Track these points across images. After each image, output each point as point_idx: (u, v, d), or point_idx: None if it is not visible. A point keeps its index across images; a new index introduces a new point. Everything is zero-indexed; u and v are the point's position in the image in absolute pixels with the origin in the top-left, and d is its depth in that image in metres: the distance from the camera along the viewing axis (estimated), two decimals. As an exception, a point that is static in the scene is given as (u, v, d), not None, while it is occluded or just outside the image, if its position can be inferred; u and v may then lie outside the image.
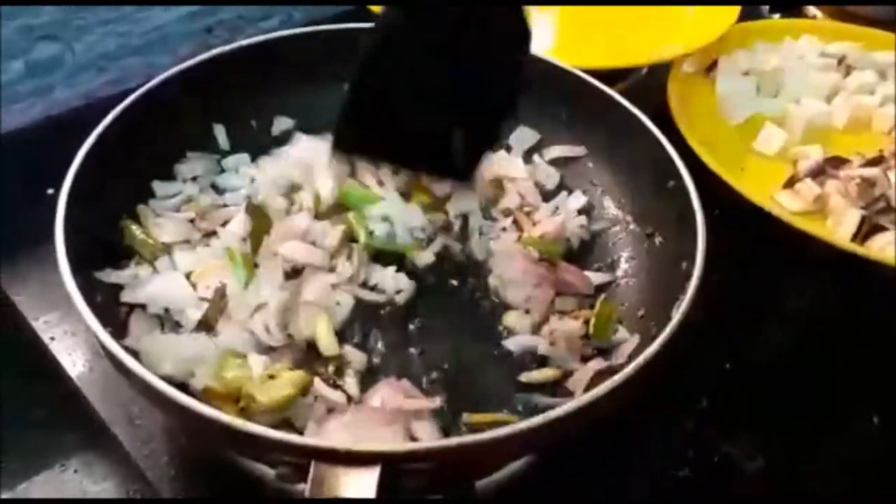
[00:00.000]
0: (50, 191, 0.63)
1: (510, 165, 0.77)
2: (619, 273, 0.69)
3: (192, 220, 0.68)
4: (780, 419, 0.66)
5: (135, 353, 0.50)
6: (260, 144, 0.75)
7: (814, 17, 1.11)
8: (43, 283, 0.67)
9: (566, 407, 0.46)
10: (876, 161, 0.81)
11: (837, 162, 0.82)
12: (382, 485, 0.42)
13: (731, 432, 0.63)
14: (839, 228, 0.76)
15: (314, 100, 0.75)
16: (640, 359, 0.49)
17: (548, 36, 0.94)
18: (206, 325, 0.59)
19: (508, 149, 0.78)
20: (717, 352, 0.68)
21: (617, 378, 0.48)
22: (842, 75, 0.96)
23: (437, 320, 0.64)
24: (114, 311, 0.58)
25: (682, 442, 0.63)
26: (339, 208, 0.69)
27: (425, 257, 0.67)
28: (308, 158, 0.71)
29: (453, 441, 0.44)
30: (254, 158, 0.74)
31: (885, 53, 0.97)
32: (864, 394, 0.68)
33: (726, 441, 0.63)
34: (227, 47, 0.73)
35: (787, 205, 0.80)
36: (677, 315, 0.52)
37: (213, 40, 0.97)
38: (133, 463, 0.57)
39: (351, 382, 0.58)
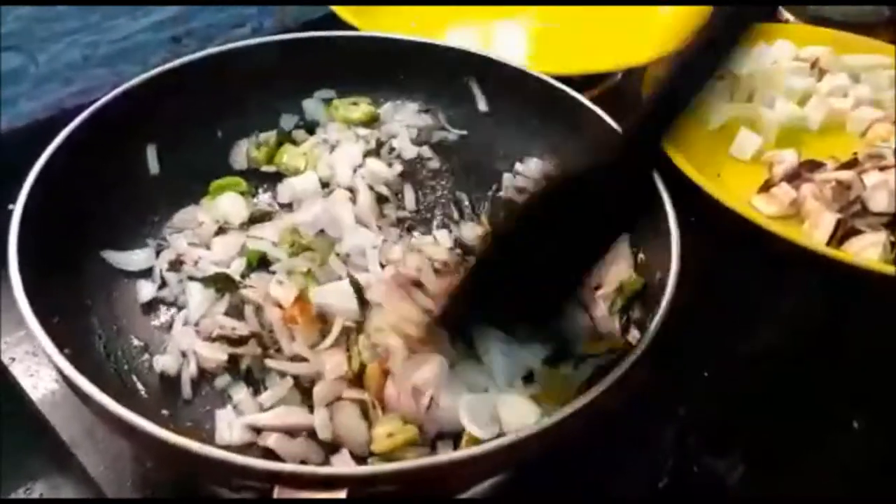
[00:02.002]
0: (10, 206, 0.60)
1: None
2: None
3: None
4: (761, 426, 0.65)
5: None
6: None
7: (786, 21, 1.11)
8: (2, 302, 0.65)
9: (535, 425, 0.45)
10: (850, 164, 0.81)
11: (812, 165, 0.82)
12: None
13: (711, 441, 0.63)
14: (815, 232, 0.76)
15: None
16: (617, 371, 0.48)
17: (519, 42, 0.93)
18: None
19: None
20: (695, 359, 0.67)
21: (592, 391, 0.47)
22: (815, 79, 0.96)
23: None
24: (72, 330, 0.56)
25: (662, 452, 0.62)
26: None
27: None
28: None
29: (419, 462, 0.43)
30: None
31: (857, 56, 0.98)
32: (844, 399, 0.68)
33: (706, 450, 0.62)
34: (195, 55, 0.72)
35: (764, 209, 0.80)
36: (652, 327, 0.51)
37: (182, 49, 0.95)
38: (98, 488, 0.55)
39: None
